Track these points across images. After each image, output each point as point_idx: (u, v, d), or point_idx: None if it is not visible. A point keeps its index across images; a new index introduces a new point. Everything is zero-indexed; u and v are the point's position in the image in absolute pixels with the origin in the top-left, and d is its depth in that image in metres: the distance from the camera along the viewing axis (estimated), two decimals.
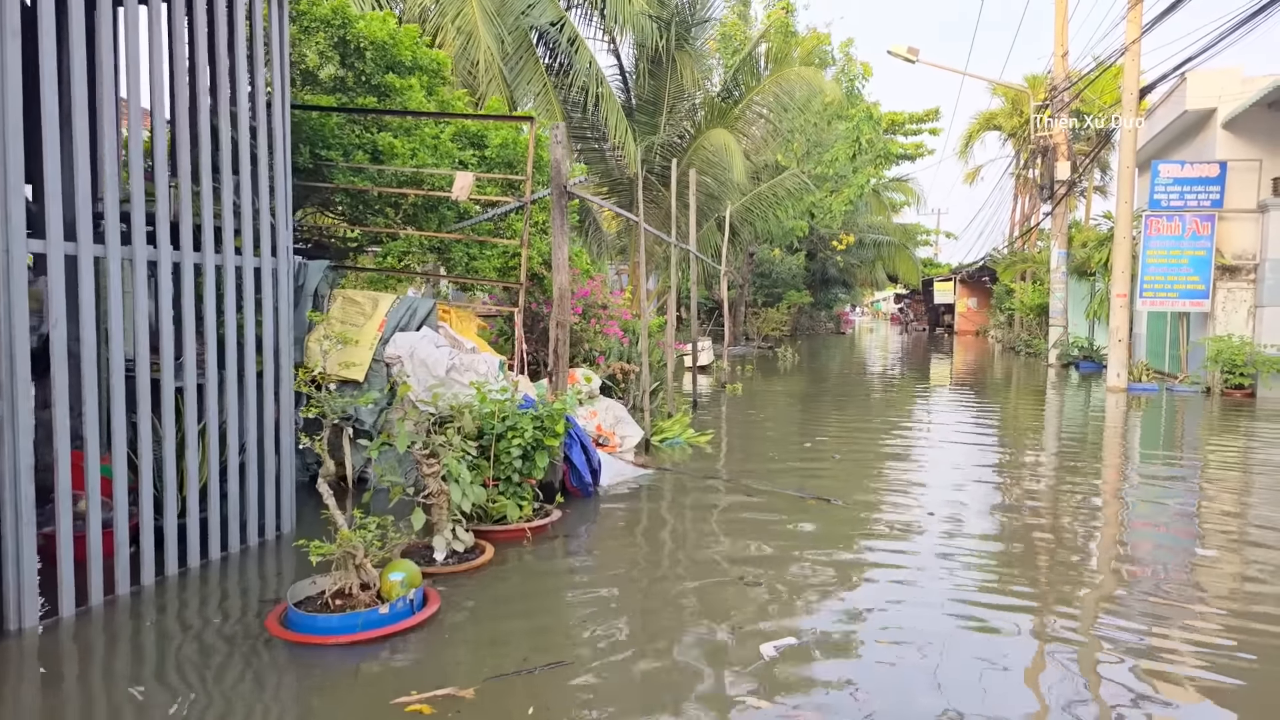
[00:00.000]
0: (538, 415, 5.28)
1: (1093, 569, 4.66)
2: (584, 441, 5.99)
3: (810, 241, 28.17)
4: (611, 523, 5.43)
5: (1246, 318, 13.94)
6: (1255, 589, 4.28)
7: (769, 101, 18.94)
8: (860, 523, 5.44)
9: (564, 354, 5.76)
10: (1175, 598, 4.09)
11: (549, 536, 5.02)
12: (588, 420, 7.38)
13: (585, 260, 8.25)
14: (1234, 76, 14.09)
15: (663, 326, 9.98)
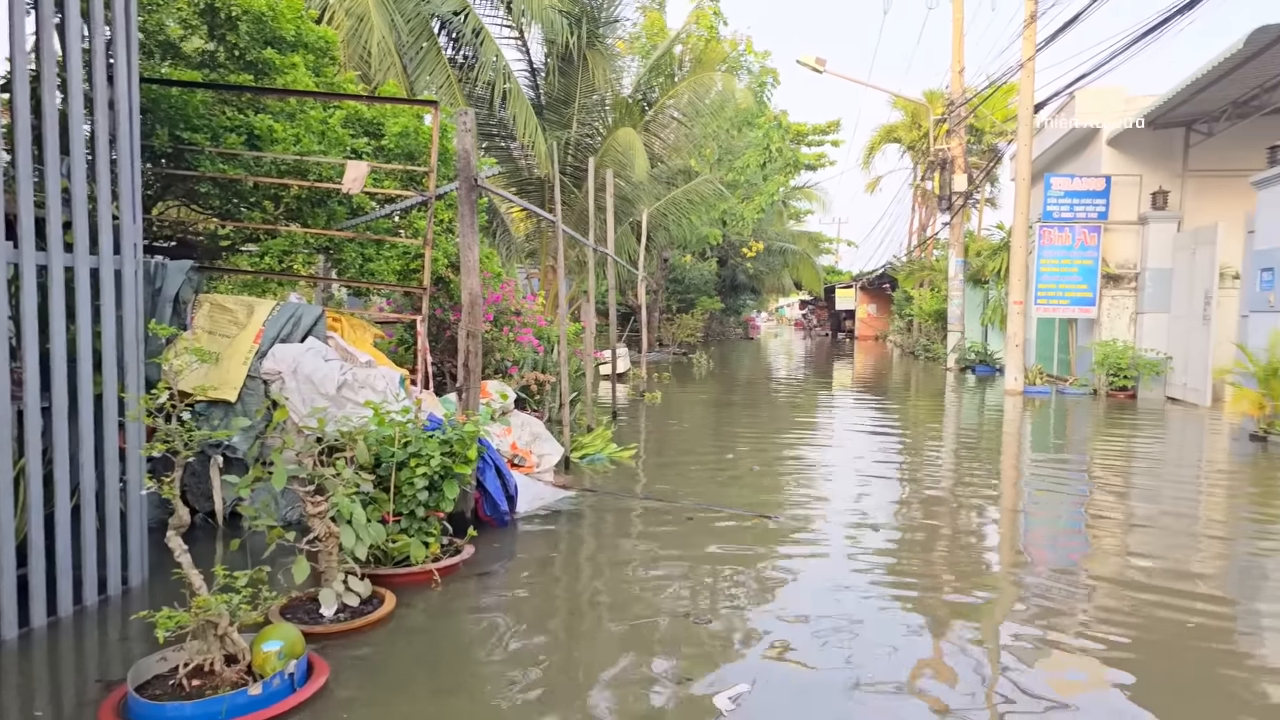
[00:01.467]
0: (446, 439, 4.65)
1: (1002, 556, 5.11)
2: (499, 465, 5.38)
3: (722, 248, 28.16)
4: (532, 556, 4.85)
5: (1129, 324, 14.51)
6: (1138, 563, 4.81)
7: (683, 105, 18.70)
8: (798, 540, 5.08)
9: (476, 367, 5.15)
10: (1071, 574, 4.58)
11: (461, 577, 4.40)
12: (501, 438, 6.75)
13: (497, 263, 7.62)
14: (1118, 96, 14.65)
15: (580, 333, 9.43)
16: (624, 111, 16.21)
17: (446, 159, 6.12)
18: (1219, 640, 3.70)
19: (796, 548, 4.98)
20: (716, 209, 19.43)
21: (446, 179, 6.04)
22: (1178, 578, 4.51)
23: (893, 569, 4.65)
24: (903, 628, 3.78)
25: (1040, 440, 9.75)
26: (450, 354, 6.46)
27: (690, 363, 20.64)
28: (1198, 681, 3.32)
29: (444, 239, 6.34)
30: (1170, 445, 9.30)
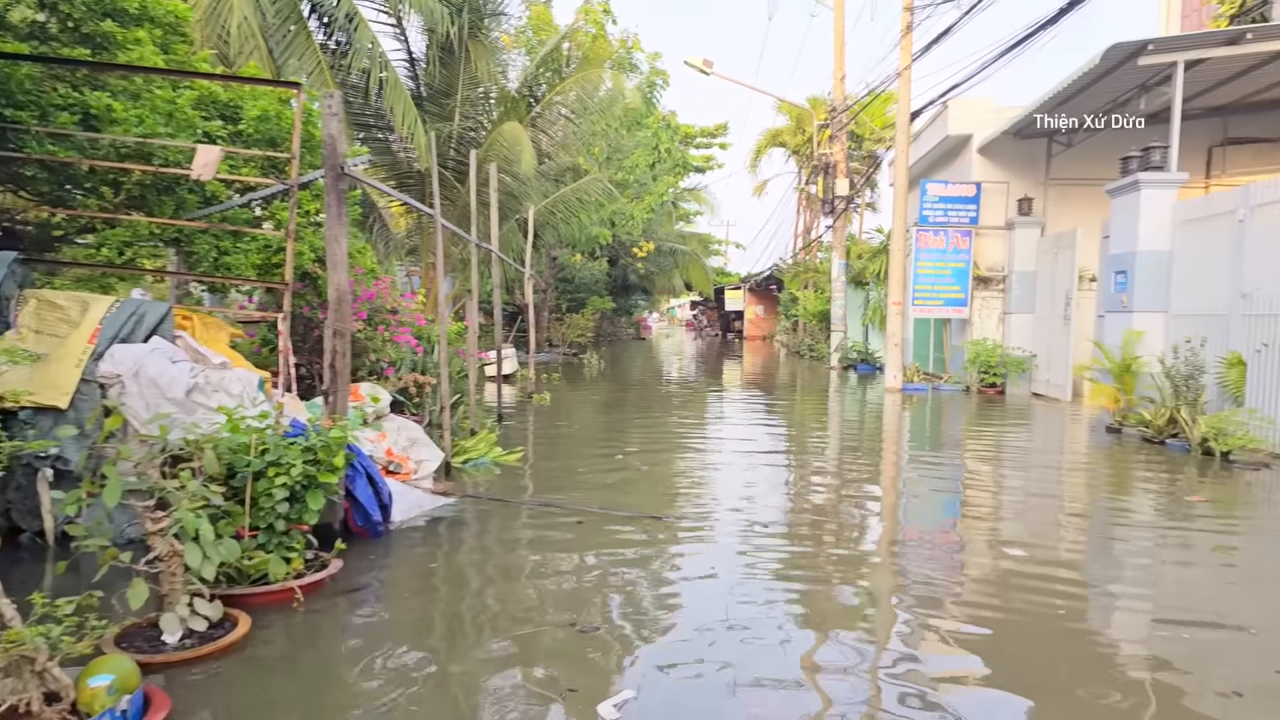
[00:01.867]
0: (309, 446, 4.30)
1: (883, 546, 5.24)
2: (371, 472, 5.04)
3: (612, 248, 28.09)
4: (408, 569, 4.55)
5: (997, 324, 15.29)
6: (1010, 549, 4.93)
7: (570, 101, 18.46)
8: (688, 540, 5.00)
9: (344, 368, 4.80)
10: (947, 561, 4.78)
11: (328, 594, 4.07)
12: (376, 444, 6.38)
13: (370, 258, 7.21)
14: (987, 106, 15.40)
15: (463, 333, 9.09)
16: (510, 106, 15.87)
17: (314, 146, 5.71)
18: (1079, 620, 3.91)
19: (687, 547, 4.92)
20: (606, 208, 19.33)
21: (313, 167, 5.63)
22: (1045, 561, 4.74)
23: (781, 565, 4.63)
24: (790, 624, 3.77)
25: (918, 435, 10.11)
26: (319, 355, 6.04)
27: (581, 363, 20.47)
28: (1064, 660, 3.42)
29: (311, 232, 5.93)
30: (1036, 438, 9.80)
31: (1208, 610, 3.93)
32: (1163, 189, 9.73)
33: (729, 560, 4.67)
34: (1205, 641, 3.57)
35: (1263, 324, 8.02)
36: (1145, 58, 9.75)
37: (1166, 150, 9.73)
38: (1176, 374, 8.68)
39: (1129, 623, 3.93)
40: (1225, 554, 4.96)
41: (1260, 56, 10.11)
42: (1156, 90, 10.79)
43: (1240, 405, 8.22)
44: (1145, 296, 9.76)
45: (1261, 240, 8.09)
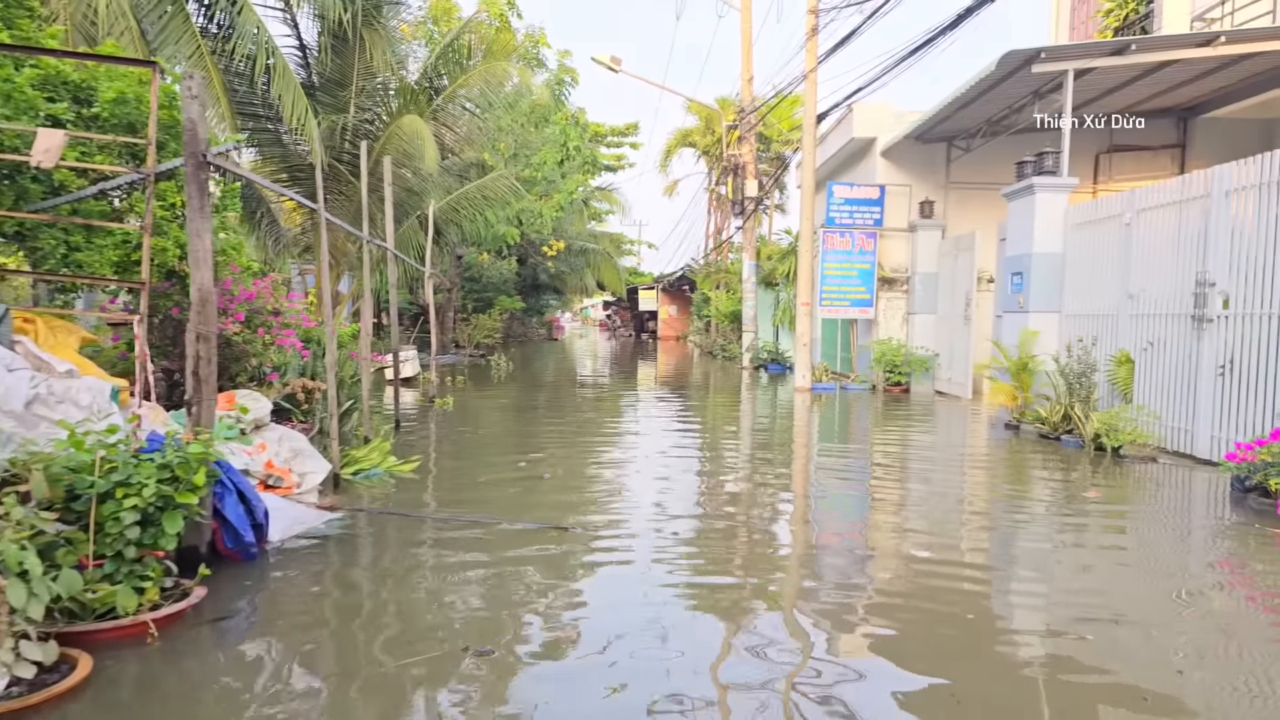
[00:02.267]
0: (165, 463, 3.85)
1: (795, 544, 5.31)
2: (242, 488, 4.60)
3: (521, 247, 27.57)
4: (285, 594, 4.14)
5: (901, 323, 15.64)
6: (914, 547, 5.01)
7: (475, 96, 17.97)
8: (595, 549, 4.76)
9: (209, 376, 4.35)
10: (856, 555, 4.84)
11: (190, 626, 3.65)
12: (255, 455, 5.89)
13: (246, 255, 6.68)
14: (889, 110, 15.73)
15: (357, 335, 8.60)
16: (410, 98, 15.30)
17: (180, 133, 5.21)
18: (984, 606, 4.05)
19: (596, 557, 4.69)
20: (513, 206, 18.89)
21: (176, 154, 5.13)
22: (949, 551, 4.92)
23: (692, 574, 4.47)
24: (702, 631, 3.66)
25: (827, 435, 10.19)
26: None
27: (488, 365, 19.96)
28: (974, 650, 3.51)
29: (177, 227, 5.41)
30: (940, 435, 9.97)
31: (1107, 607, 3.92)
32: (1055, 193, 10.04)
33: (638, 572, 4.44)
34: (1108, 638, 3.54)
35: (1148, 323, 8.33)
36: (1038, 65, 10.04)
37: (1059, 155, 10.05)
38: (1070, 372, 8.94)
39: (1032, 621, 3.89)
40: (1119, 549, 5.03)
41: (1143, 67, 10.56)
42: (1049, 97, 11.16)
43: (1129, 402, 8.52)
44: (1040, 297, 10.06)
45: (1146, 243, 8.40)
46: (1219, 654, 3.43)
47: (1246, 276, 7.02)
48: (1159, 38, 10.41)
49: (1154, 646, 3.49)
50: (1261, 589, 4.31)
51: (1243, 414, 6.98)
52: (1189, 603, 4.05)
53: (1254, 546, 4.94)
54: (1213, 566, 4.68)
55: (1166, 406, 7.99)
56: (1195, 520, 5.78)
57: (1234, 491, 6.21)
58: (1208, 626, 3.72)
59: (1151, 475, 7.19)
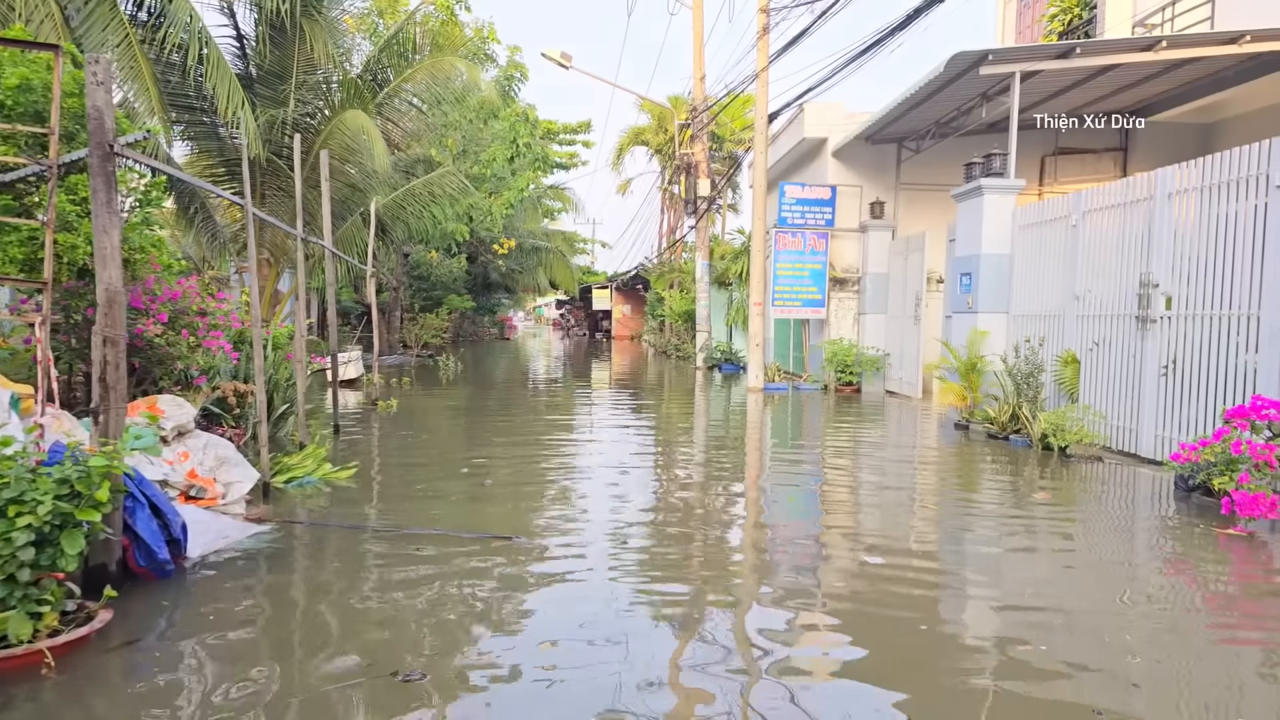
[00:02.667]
0: (64, 477, 3.55)
1: (750, 546, 5.25)
2: (156, 501, 4.30)
3: (471, 245, 27.12)
4: (201, 616, 3.85)
5: (853, 324, 15.69)
6: (866, 548, 5.01)
7: (421, 90, 17.60)
8: (543, 559, 4.54)
9: (117, 382, 4.03)
10: (811, 556, 4.79)
11: (93, 653, 3.36)
12: (176, 465, 5.56)
13: (167, 253, 6.31)
14: (840, 111, 15.77)
15: (292, 336, 8.24)
16: (353, 92, 14.89)
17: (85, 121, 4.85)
18: (938, 612, 3.98)
19: (542, 567, 4.48)
20: (461, 203, 18.52)
21: (84, 145, 4.78)
22: (902, 556, 4.87)
23: (644, 580, 4.31)
24: (652, 645, 3.49)
25: (780, 435, 10.14)
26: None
27: (436, 366, 19.54)
28: (926, 649, 3.52)
29: (89, 223, 5.06)
30: (891, 435, 9.96)
31: (1060, 610, 3.85)
32: (1003, 194, 10.10)
33: (586, 586, 4.23)
34: (1061, 644, 3.45)
35: (1094, 324, 8.41)
36: (986, 67, 10.09)
37: (1006, 157, 10.11)
38: (1018, 373, 8.99)
39: (985, 626, 3.78)
40: (1068, 551, 4.98)
41: (1087, 70, 10.70)
42: (997, 99, 11.25)
43: (1075, 402, 8.59)
44: (988, 298, 10.11)
45: (1092, 244, 8.48)
46: (1172, 659, 3.37)
47: (1188, 278, 7.10)
48: (1103, 41, 10.55)
49: (1107, 652, 3.41)
50: (1212, 591, 4.29)
51: (1186, 413, 7.05)
52: (1140, 605, 3.99)
53: (1199, 546, 4.93)
54: (1162, 567, 4.66)
55: (1111, 406, 8.07)
56: (1142, 520, 5.80)
57: (1178, 490, 6.25)
58: (1159, 629, 3.66)
59: (1098, 475, 7.22)
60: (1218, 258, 6.74)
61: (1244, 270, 6.44)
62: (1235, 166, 6.53)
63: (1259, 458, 4.98)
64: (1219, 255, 6.72)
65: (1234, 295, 6.54)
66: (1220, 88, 11.30)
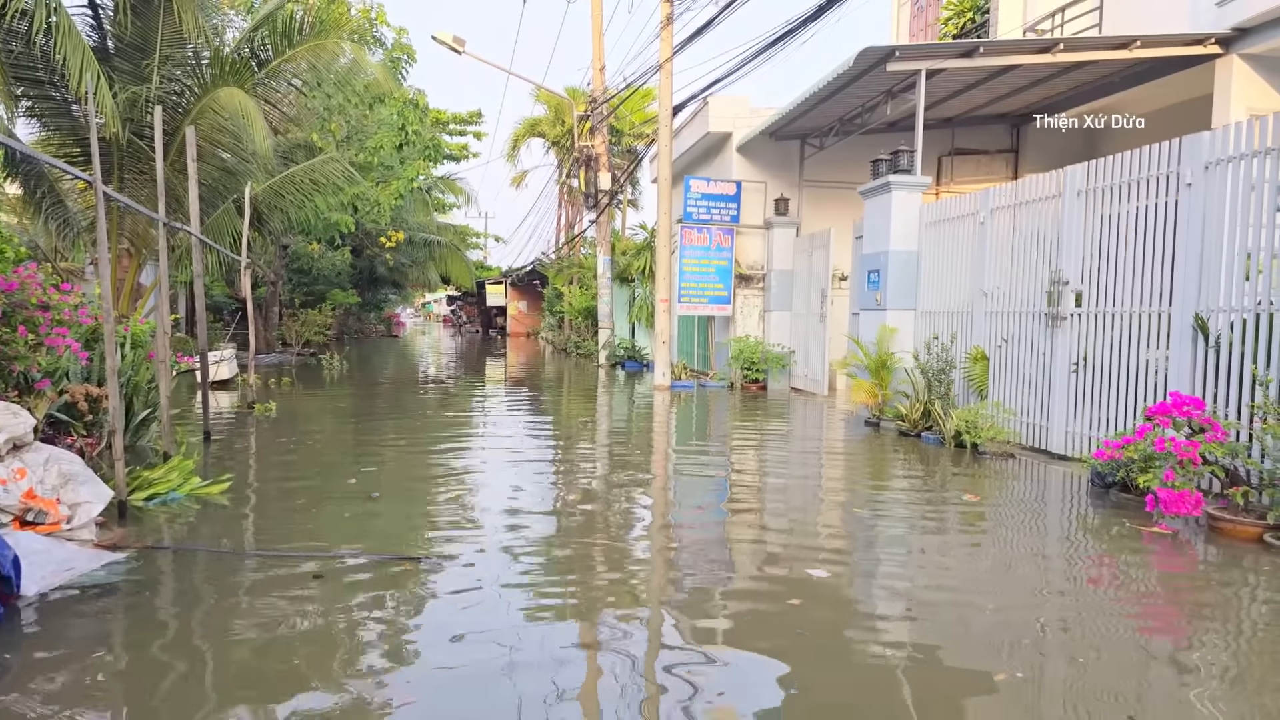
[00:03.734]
0: None
1: (655, 550, 5.05)
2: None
3: (356, 237, 25.71)
4: (40, 664, 3.12)
5: (758, 321, 15.63)
6: (779, 551, 4.83)
7: (302, 71, 16.42)
8: (445, 577, 4.01)
9: None
10: (718, 569, 4.48)
11: None
12: (10, 485, 4.69)
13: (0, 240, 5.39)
14: (745, 105, 15.67)
15: (154, 333, 7.30)
16: (227, 69, 13.72)
17: None
18: (843, 605, 3.97)
19: (437, 586, 4.01)
20: (346, 192, 17.41)
21: None
22: (813, 551, 4.80)
23: (549, 598, 3.93)
24: (562, 672, 3.15)
25: (687, 434, 9.90)
26: None
27: (320, 365, 18.32)
28: (834, 647, 3.46)
29: None
30: (801, 433, 9.83)
31: (983, 612, 3.62)
32: (910, 191, 10.12)
33: (488, 609, 3.72)
34: (984, 650, 3.21)
35: (1003, 321, 8.47)
36: (893, 64, 10.08)
37: (913, 154, 10.13)
38: (929, 369, 8.98)
39: (901, 633, 3.52)
40: (989, 550, 4.83)
41: (987, 70, 10.88)
42: (901, 96, 11.30)
43: (984, 398, 8.64)
44: (897, 295, 10.11)
45: (1000, 241, 8.53)
46: (1105, 659, 3.17)
47: (1097, 275, 7.18)
48: (1004, 42, 10.76)
49: (1036, 656, 3.19)
50: (1143, 589, 4.18)
51: (1096, 410, 7.13)
52: (1070, 607, 3.81)
53: (1128, 544, 4.86)
54: (1093, 567, 4.53)
55: (1021, 403, 8.13)
56: (1064, 518, 5.75)
57: (1094, 487, 6.27)
58: (1090, 633, 3.48)
59: (1012, 471, 7.23)
60: (1128, 255, 6.82)
61: (1154, 268, 6.53)
62: (1147, 165, 6.62)
63: (1183, 455, 4.97)
64: (1129, 253, 6.81)
65: (1145, 293, 6.63)
66: (1107, 93, 11.74)
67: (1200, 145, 6.04)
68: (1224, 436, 5.09)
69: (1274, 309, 5.34)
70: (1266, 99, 9.54)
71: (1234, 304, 5.73)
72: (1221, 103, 9.73)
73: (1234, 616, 3.82)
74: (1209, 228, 5.99)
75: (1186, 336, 6.10)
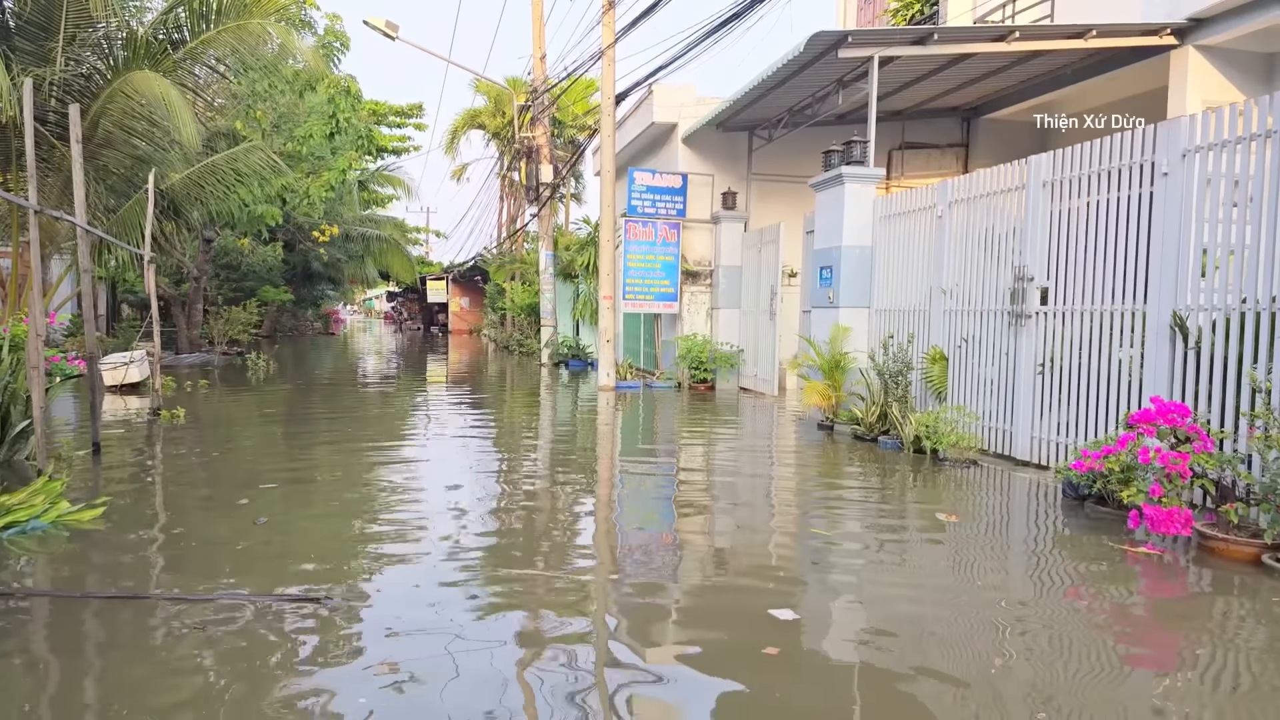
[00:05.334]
0: None
1: (597, 554, 4.95)
2: None
3: (288, 231, 24.48)
4: None
5: (706, 319, 15.13)
6: (730, 570, 4.53)
7: (226, 55, 15.39)
8: (348, 626, 3.32)
9: None
10: (660, 562, 4.53)
11: None
12: None
13: None
14: (690, 94, 15.13)
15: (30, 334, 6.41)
16: (142, 51, 12.71)
17: None
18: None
19: (350, 634, 3.32)
20: (273, 184, 16.39)
21: None
22: (761, 567, 4.55)
23: (471, 644, 3.28)
24: None
25: (633, 438, 9.41)
26: None
27: (245, 366, 17.23)
28: (780, 660, 3.28)
29: None
30: (752, 437, 9.35)
31: (961, 649, 3.13)
32: (864, 183, 9.70)
33: (415, 663, 3.05)
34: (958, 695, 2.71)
35: (963, 319, 8.07)
36: (845, 50, 9.63)
37: (866, 145, 9.71)
38: (886, 370, 8.56)
39: (862, 667, 3.00)
40: (971, 580, 4.35)
41: (939, 60, 10.53)
42: (854, 86, 10.88)
43: (942, 401, 8.25)
44: (850, 292, 9.68)
45: (959, 236, 8.14)
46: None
47: (1065, 271, 6.80)
48: (959, 28, 10.44)
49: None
50: (1137, 628, 3.74)
51: (1063, 414, 6.76)
52: (1064, 649, 3.33)
53: (1111, 569, 4.43)
54: (1081, 599, 4.07)
55: (983, 406, 7.74)
56: (1040, 536, 5.31)
57: (1066, 499, 5.88)
58: (1096, 683, 3.00)
59: (977, 481, 6.81)
60: (1098, 250, 6.45)
61: (1127, 263, 6.16)
62: (1118, 154, 6.24)
63: (1172, 468, 4.56)
64: (1099, 247, 6.44)
65: (1116, 290, 6.26)
66: (1058, 86, 11.51)
67: (1178, 132, 5.67)
68: (1211, 446, 4.70)
69: (1259, 308, 4.97)
70: (1222, 92, 9.35)
71: (1215, 302, 5.37)
72: (1177, 95, 9.52)
73: (1255, 662, 3.37)
74: (1185, 221, 5.63)
75: (1163, 336, 5.73)
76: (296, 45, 15.98)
